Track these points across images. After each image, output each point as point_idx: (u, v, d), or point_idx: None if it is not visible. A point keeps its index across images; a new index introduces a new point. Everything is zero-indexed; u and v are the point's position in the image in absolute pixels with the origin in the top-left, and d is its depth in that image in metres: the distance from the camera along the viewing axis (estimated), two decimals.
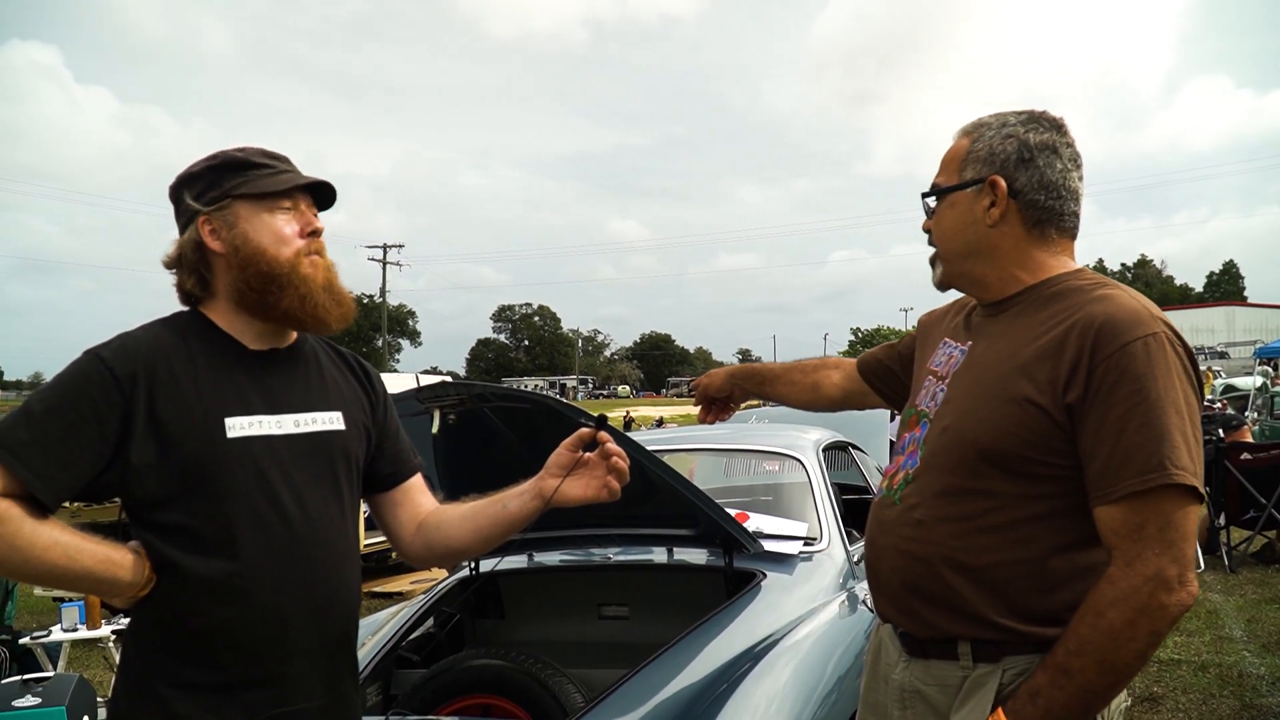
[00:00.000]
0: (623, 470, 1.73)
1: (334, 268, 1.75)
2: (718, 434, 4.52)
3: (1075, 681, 1.47)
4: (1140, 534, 1.46)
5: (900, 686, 1.72)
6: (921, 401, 1.81)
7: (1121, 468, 1.48)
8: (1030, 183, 1.68)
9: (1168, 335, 1.54)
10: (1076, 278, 1.68)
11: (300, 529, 1.64)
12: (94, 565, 1.52)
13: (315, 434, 1.71)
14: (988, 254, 1.72)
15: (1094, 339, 1.52)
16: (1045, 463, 1.57)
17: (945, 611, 1.63)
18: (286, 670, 1.62)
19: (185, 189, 1.70)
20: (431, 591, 3.52)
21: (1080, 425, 1.53)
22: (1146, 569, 1.45)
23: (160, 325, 1.69)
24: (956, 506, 1.63)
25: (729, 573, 3.22)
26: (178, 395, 1.59)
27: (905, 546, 1.68)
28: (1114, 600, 1.45)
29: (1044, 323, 1.63)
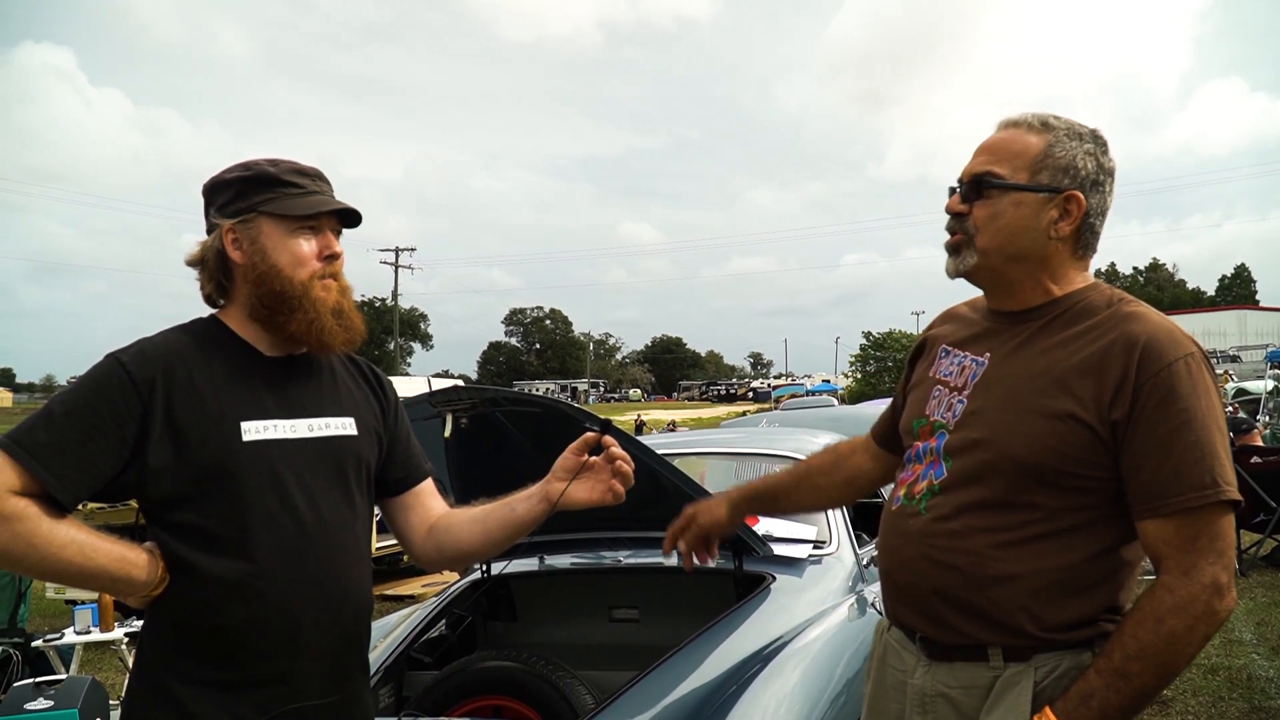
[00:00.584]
0: (627, 474, 1.77)
1: (348, 291, 1.78)
2: (729, 438, 4.55)
3: (1132, 685, 1.51)
4: (1194, 545, 1.52)
5: (921, 691, 1.72)
6: (934, 412, 1.79)
7: (1172, 483, 1.53)
8: (1096, 207, 1.70)
9: (1201, 355, 1.60)
10: (1098, 292, 1.70)
11: (312, 530, 1.67)
12: (109, 564, 1.56)
13: (328, 438, 1.74)
14: (1036, 263, 1.70)
15: (1139, 358, 1.56)
16: (1085, 476, 1.60)
17: (979, 620, 1.64)
18: (298, 668, 1.65)
19: (215, 194, 1.74)
20: (444, 594, 3.55)
21: (1125, 441, 1.56)
22: (1204, 578, 1.51)
23: (179, 331, 1.73)
24: (995, 519, 1.64)
25: (738, 575, 3.23)
26: (195, 399, 1.63)
27: (939, 556, 1.68)
28: (1173, 608, 1.50)
29: (1078, 338, 1.64)
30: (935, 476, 1.74)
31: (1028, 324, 1.72)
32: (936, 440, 1.76)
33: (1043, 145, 1.67)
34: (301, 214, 1.71)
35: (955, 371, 1.79)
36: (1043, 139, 1.68)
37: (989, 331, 1.78)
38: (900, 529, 1.78)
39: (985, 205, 1.69)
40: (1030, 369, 1.66)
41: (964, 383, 1.76)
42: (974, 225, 1.71)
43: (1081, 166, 1.67)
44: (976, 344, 1.79)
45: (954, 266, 1.76)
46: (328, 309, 1.72)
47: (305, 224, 1.72)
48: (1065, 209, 1.67)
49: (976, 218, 1.70)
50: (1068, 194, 1.66)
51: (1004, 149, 1.70)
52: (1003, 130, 1.74)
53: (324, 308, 1.71)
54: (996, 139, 1.74)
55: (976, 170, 1.71)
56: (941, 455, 1.74)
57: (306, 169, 1.77)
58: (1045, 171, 1.66)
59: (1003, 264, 1.71)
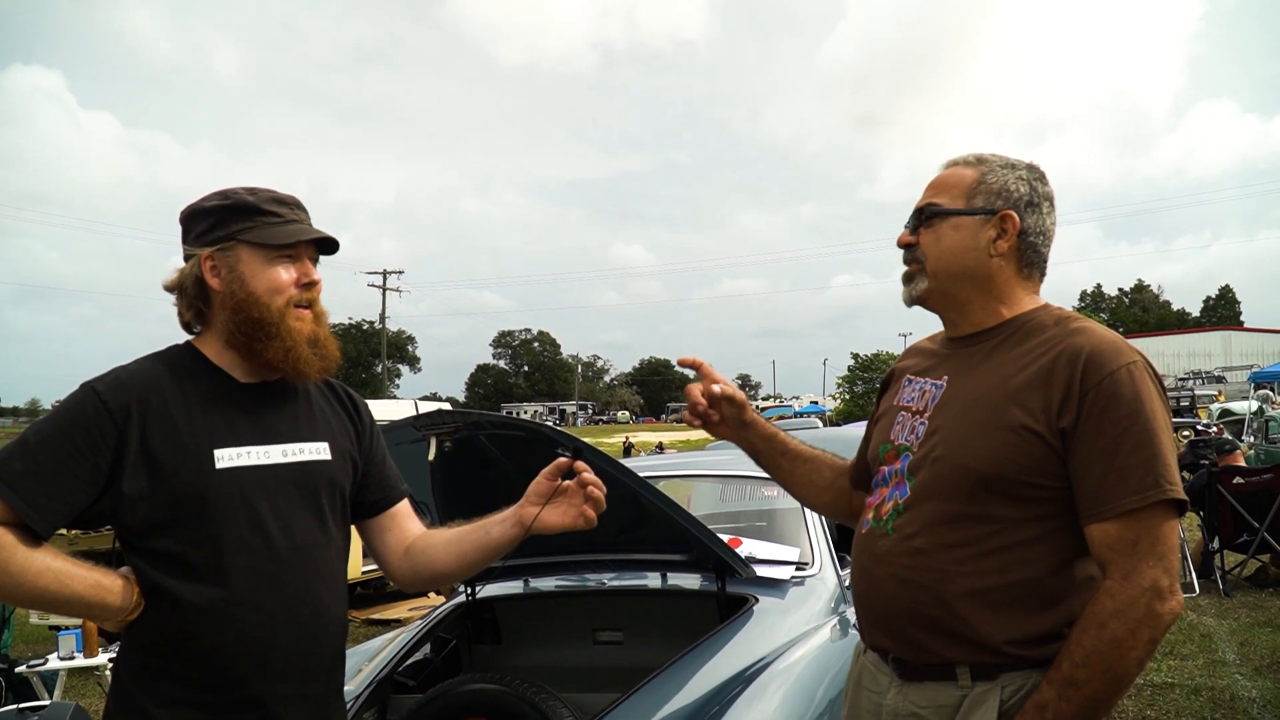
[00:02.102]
0: (598, 499, 1.80)
1: (324, 318, 1.82)
2: (714, 460, 4.57)
3: (1082, 692, 1.55)
4: (1135, 548, 1.57)
5: (894, 712, 1.76)
6: (898, 436, 1.86)
7: (1117, 486, 1.58)
8: (1034, 227, 1.81)
9: (1144, 363, 1.66)
10: (1046, 312, 1.80)
11: (286, 555, 1.70)
12: (84, 590, 1.59)
13: (301, 464, 1.77)
14: (982, 282, 1.81)
15: (1083, 367, 1.63)
16: (1041, 485, 1.65)
17: (946, 638, 1.68)
18: (272, 692, 1.67)
19: (194, 222, 1.77)
20: (428, 617, 3.56)
21: (1072, 447, 1.62)
22: (1143, 581, 1.55)
23: (154, 359, 1.75)
24: (957, 533, 1.69)
25: (721, 597, 3.26)
26: (169, 427, 1.66)
27: (905, 575, 1.72)
28: (1115, 612, 1.55)
29: (1028, 354, 1.72)
30: (900, 496, 1.80)
31: (981, 345, 1.81)
32: (901, 462, 1.83)
33: (976, 175, 1.83)
34: (279, 243, 1.74)
35: (916, 396, 1.88)
36: (976, 170, 1.84)
37: (947, 358, 1.88)
38: (870, 550, 1.83)
39: (929, 232, 1.84)
40: (984, 386, 1.74)
41: (925, 405, 1.84)
42: (923, 253, 1.84)
43: (1014, 190, 1.81)
44: (936, 370, 1.88)
45: (909, 294, 1.88)
46: (303, 338, 1.75)
47: (284, 252, 1.75)
48: (1002, 228, 1.80)
49: (923, 244, 1.84)
50: (1002, 214, 1.79)
51: (944, 184, 1.86)
52: (944, 170, 1.90)
53: (300, 337, 1.74)
54: (938, 177, 1.90)
55: (920, 204, 1.87)
56: (905, 475, 1.81)
57: (285, 197, 1.80)
58: (980, 196, 1.81)
59: (951, 284, 1.82)
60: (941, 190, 1.84)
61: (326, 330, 1.81)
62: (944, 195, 1.83)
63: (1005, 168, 1.83)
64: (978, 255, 1.79)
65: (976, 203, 1.80)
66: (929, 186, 1.88)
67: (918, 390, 1.88)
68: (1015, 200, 1.80)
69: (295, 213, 1.80)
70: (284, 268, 1.75)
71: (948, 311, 1.88)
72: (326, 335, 1.80)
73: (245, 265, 1.73)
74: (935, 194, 1.85)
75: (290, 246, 1.75)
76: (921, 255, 1.83)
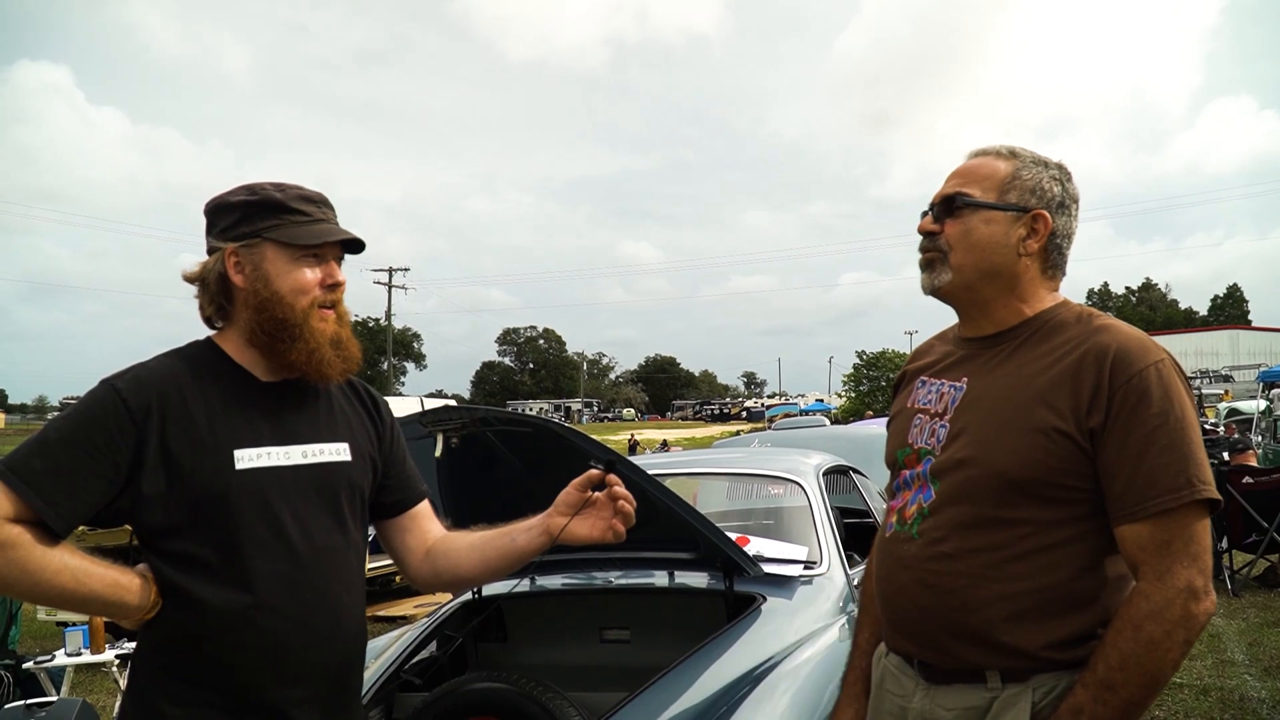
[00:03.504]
0: (628, 513, 1.78)
1: (347, 319, 1.79)
2: (721, 458, 4.56)
3: (1119, 695, 1.52)
4: (1168, 549, 1.54)
5: (920, 715, 1.74)
6: (917, 439, 1.82)
7: (1148, 486, 1.56)
8: (1061, 229, 1.78)
9: (1171, 361, 1.64)
10: (1066, 310, 1.76)
11: (305, 557, 1.68)
12: (102, 589, 1.57)
13: (321, 465, 1.75)
14: (1007, 280, 1.76)
15: (1111, 366, 1.61)
16: (1070, 486, 1.62)
17: (975, 644, 1.66)
18: (289, 694, 1.66)
19: (219, 216, 1.75)
20: (434, 615, 3.55)
21: (1102, 447, 1.60)
22: (1178, 582, 1.53)
23: (174, 357, 1.73)
24: (986, 537, 1.66)
25: (729, 596, 3.24)
26: (189, 427, 1.64)
27: (933, 581, 1.70)
28: (1150, 614, 1.52)
29: (1052, 353, 1.69)
30: (924, 499, 1.77)
31: (1002, 346, 1.77)
32: (923, 465, 1.79)
33: (1010, 169, 1.77)
34: (307, 243, 1.72)
35: (934, 399, 1.84)
36: (1010, 164, 1.78)
37: (964, 358, 1.83)
38: (894, 554, 1.80)
39: (957, 223, 1.77)
40: (1008, 386, 1.71)
41: (944, 408, 1.80)
42: (947, 243, 1.78)
43: (1048, 189, 1.76)
44: (952, 371, 1.84)
45: (929, 282, 1.82)
46: (326, 339, 1.73)
47: (310, 252, 1.73)
48: (1033, 227, 1.75)
49: (949, 235, 1.78)
50: (1035, 213, 1.75)
51: (974, 173, 1.80)
52: (973, 158, 1.84)
53: (323, 338, 1.72)
54: (967, 165, 1.83)
55: (948, 191, 1.80)
56: (929, 478, 1.77)
57: (313, 195, 1.78)
58: (1013, 192, 1.75)
59: (976, 280, 1.77)
60: (972, 180, 1.78)
61: (349, 331, 1.79)
62: (975, 186, 1.77)
63: (1038, 164, 1.78)
64: (1007, 253, 1.75)
65: (1010, 198, 1.75)
66: (956, 174, 1.82)
67: (934, 392, 1.84)
68: (1049, 200, 1.76)
69: (323, 211, 1.78)
70: (309, 268, 1.73)
71: (968, 308, 1.83)
72: (349, 336, 1.78)
73: (270, 264, 1.71)
74: (965, 183, 1.78)
75: (317, 247, 1.73)
76: (945, 245, 1.78)
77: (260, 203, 1.72)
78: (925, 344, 2.04)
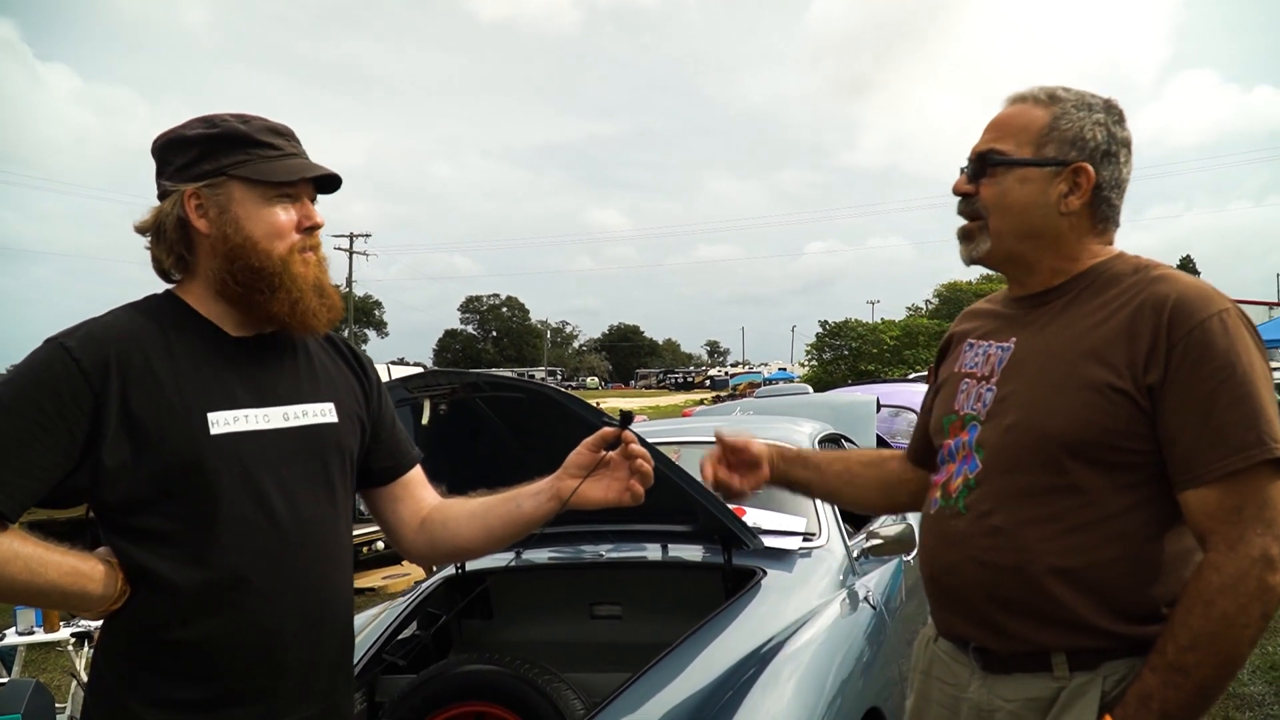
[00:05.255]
0: (647, 473, 1.63)
1: (325, 263, 1.61)
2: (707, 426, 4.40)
3: (1192, 678, 1.39)
4: (1239, 515, 1.40)
5: (977, 707, 1.61)
6: (963, 405, 1.69)
7: (1214, 447, 1.42)
8: (1109, 179, 1.62)
9: (1237, 311, 1.49)
10: (1121, 261, 1.63)
11: (291, 533, 1.50)
12: (60, 579, 1.38)
13: (306, 428, 1.56)
14: (1050, 241, 1.63)
15: (1169, 317, 1.47)
16: (1130, 450, 1.49)
17: (1038, 622, 1.52)
18: (278, 684, 1.49)
19: (173, 153, 1.53)
20: (416, 592, 3.37)
21: (1162, 405, 1.46)
22: (1252, 550, 1.39)
23: (131, 310, 1.53)
24: (1041, 507, 1.52)
25: (728, 570, 3.10)
26: (154, 389, 1.44)
27: (985, 557, 1.56)
28: (1222, 587, 1.39)
29: (1104, 306, 1.55)
30: (970, 470, 1.63)
31: (1051, 304, 1.64)
32: (969, 434, 1.66)
33: (1048, 118, 1.62)
34: (280, 180, 1.52)
35: (980, 361, 1.70)
36: (1049, 112, 1.63)
37: (1013, 319, 1.70)
38: (941, 532, 1.66)
39: (992, 184, 1.64)
40: (1059, 344, 1.57)
41: (990, 370, 1.67)
42: (984, 206, 1.64)
43: (1090, 137, 1.61)
44: (1000, 333, 1.71)
45: (968, 253, 1.70)
46: (310, 286, 1.55)
47: (283, 191, 1.53)
48: (1074, 182, 1.60)
49: (985, 198, 1.65)
50: (1075, 166, 1.60)
51: (1009, 125, 1.65)
52: (1010, 106, 1.69)
53: (306, 285, 1.54)
54: (1003, 115, 1.68)
55: (981, 148, 1.66)
56: (974, 448, 1.64)
57: (279, 127, 1.58)
58: (1051, 144, 1.61)
59: (1019, 245, 1.64)
60: (1006, 133, 1.63)
61: (329, 277, 1.60)
62: (1009, 140, 1.62)
63: (1080, 109, 1.62)
64: (1046, 213, 1.60)
65: (1047, 152, 1.60)
66: (991, 126, 1.67)
67: (981, 355, 1.70)
68: (1091, 150, 1.60)
69: (292, 144, 1.58)
70: (284, 208, 1.53)
71: (1013, 270, 1.70)
72: (330, 283, 1.60)
73: (239, 205, 1.50)
74: (998, 137, 1.64)
75: (291, 184, 1.53)
76: (983, 209, 1.64)
77: (222, 136, 1.52)
78: (974, 306, 1.89)
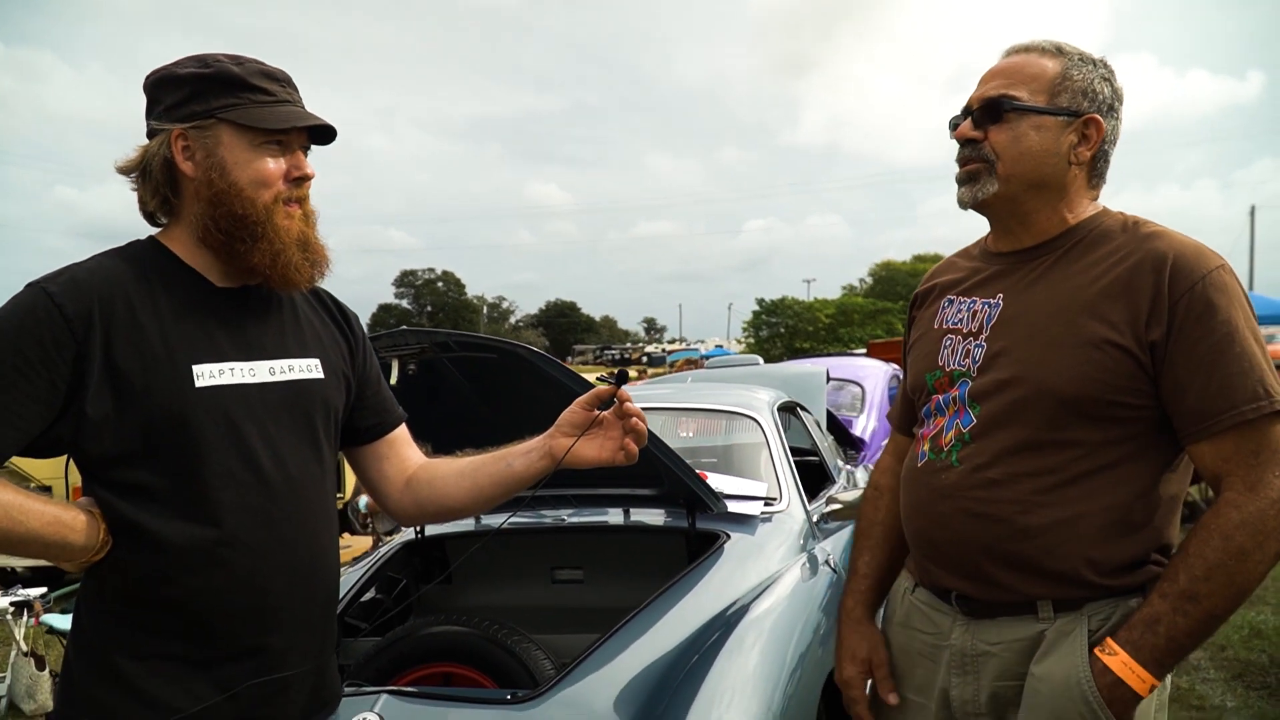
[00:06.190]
0: (641, 432, 1.63)
1: (314, 217, 1.57)
2: (667, 393, 4.41)
3: (1201, 607, 1.45)
4: (1257, 459, 1.47)
5: (961, 652, 1.64)
6: (949, 361, 1.71)
7: (1221, 399, 1.47)
8: (1111, 133, 1.66)
9: (1229, 267, 1.54)
10: (1109, 217, 1.66)
11: (278, 488, 1.47)
12: (40, 528, 1.34)
13: (292, 382, 1.53)
14: (1055, 190, 1.65)
15: (1171, 274, 1.50)
16: (1126, 404, 1.53)
17: (1028, 573, 1.57)
18: (266, 641, 1.46)
19: (163, 91, 1.48)
20: (373, 556, 3.33)
21: (1166, 361, 1.50)
22: (1271, 492, 1.46)
23: (115, 257, 1.48)
24: (1036, 461, 1.56)
25: (691, 533, 3.12)
26: (139, 339, 1.40)
27: (979, 510, 1.59)
28: (1241, 524, 1.45)
29: (1099, 263, 1.58)
30: (964, 425, 1.65)
31: (1041, 259, 1.66)
32: (959, 389, 1.68)
33: (1060, 68, 1.64)
34: (272, 127, 1.47)
35: (966, 318, 1.71)
36: (1059, 62, 1.64)
37: (997, 274, 1.71)
38: (930, 485, 1.68)
39: (1004, 130, 1.63)
40: (1054, 300, 1.60)
41: (978, 327, 1.68)
42: (992, 151, 1.64)
43: (1099, 90, 1.64)
44: (984, 288, 1.71)
45: (970, 195, 1.68)
46: (293, 239, 1.51)
47: (273, 138, 1.49)
48: (1084, 133, 1.63)
49: (995, 143, 1.64)
50: (1088, 118, 1.63)
51: (1020, 71, 1.65)
52: (1015, 54, 1.69)
53: (289, 238, 1.50)
54: (1010, 62, 1.68)
55: (992, 94, 1.65)
56: (967, 402, 1.65)
57: (275, 72, 1.53)
58: (1064, 95, 1.63)
59: (1022, 191, 1.65)
60: (1019, 80, 1.64)
61: (316, 231, 1.56)
62: (1023, 87, 1.63)
63: (1086, 62, 1.65)
64: (1058, 162, 1.62)
65: (1061, 101, 1.62)
66: (999, 73, 1.67)
67: (966, 310, 1.72)
68: (1100, 102, 1.64)
69: (287, 91, 1.53)
70: (272, 157, 1.49)
71: (1007, 219, 1.71)
72: (317, 237, 1.56)
73: (226, 150, 1.46)
74: (1010, 84, 1.64)
75: (282, 132, 1.49)
76: (991, 154, 1.64)
77: (214, 76, 1.47)
78: (945, 261, 1.90)
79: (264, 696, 1.47)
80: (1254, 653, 4.76)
